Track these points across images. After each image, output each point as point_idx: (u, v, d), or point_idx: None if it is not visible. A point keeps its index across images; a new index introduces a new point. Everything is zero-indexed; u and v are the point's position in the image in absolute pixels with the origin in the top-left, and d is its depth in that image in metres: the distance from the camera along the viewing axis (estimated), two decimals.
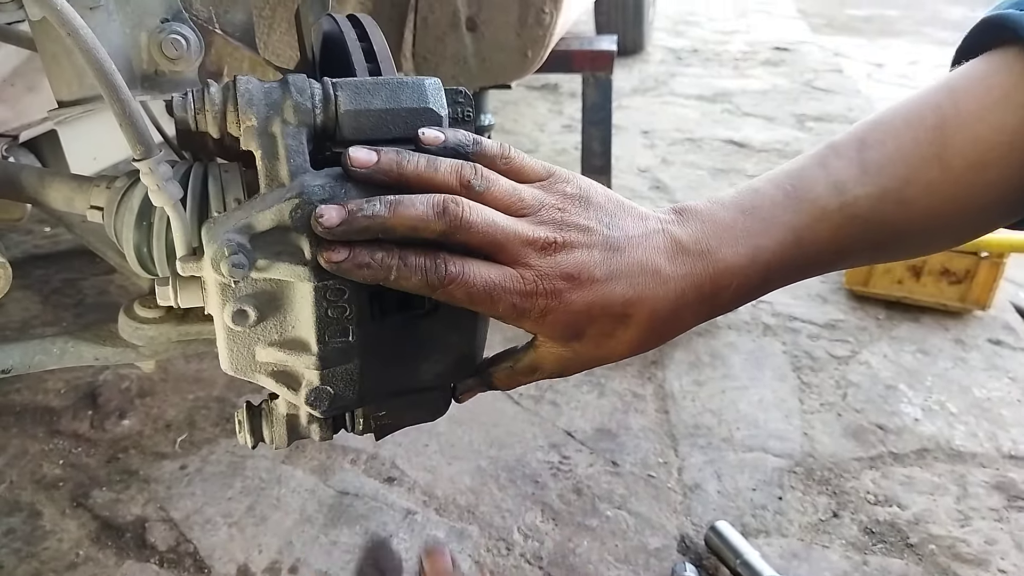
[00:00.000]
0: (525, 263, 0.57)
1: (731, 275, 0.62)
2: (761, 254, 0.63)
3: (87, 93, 0.63)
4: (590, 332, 0.60)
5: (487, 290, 0.55)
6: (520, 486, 1.45)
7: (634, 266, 0.60)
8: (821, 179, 0.64)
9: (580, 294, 0.58)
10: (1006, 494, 1.46)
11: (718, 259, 0.62)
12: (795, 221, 0.63)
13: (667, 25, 5.70)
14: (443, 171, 0.57)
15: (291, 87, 0.53)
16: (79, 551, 1.30)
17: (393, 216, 0.53)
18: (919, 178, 0.62)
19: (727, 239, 0.63)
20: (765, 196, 0.65)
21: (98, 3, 0.60)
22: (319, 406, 0.55)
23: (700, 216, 0.64)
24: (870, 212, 0.63)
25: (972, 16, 6.05)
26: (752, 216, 0.64)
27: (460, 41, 1.18)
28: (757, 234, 0.63)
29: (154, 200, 0.55)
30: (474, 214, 0.55)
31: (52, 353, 0.72)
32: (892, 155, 0.63)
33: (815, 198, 0.63)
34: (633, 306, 0.59)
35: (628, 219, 0.62)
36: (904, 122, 0.65)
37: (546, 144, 3.35)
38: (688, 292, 0.61)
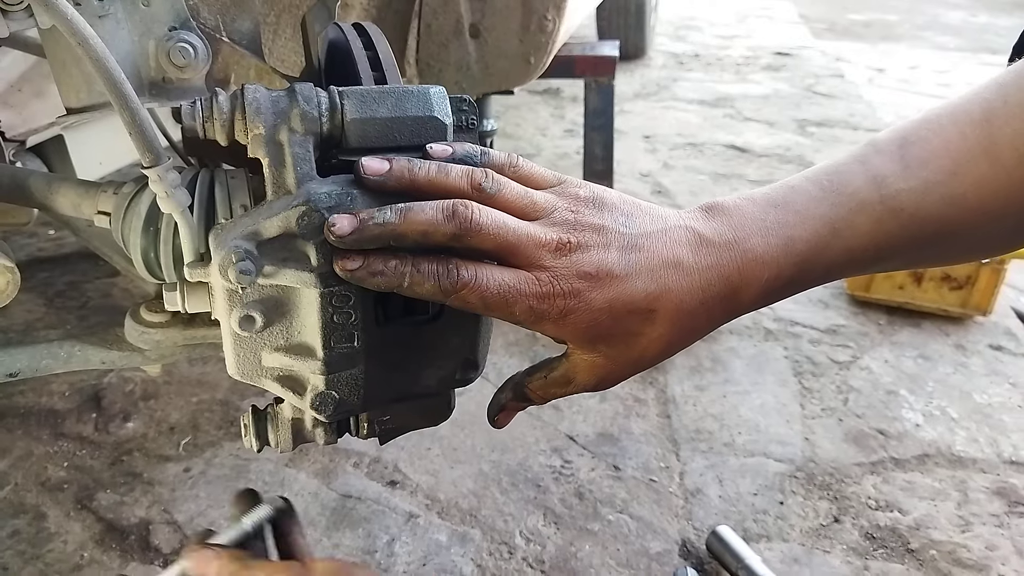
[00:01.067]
0: (540, 265, 0.56)
1: (762, 266, 0.60)
2: (795, 245, 0.60)
3: (95, 100, 0.64)
4: (617, 332, 0.58)
5: (502, 294, 0.54)
6: (522, 490, 1.46)
7: (654, 260, 0.58)
8: (860, 173, 0.62)
9: (600, 292, 0.56)
10: (1007, 500, 1.46)
11: (746, 249, 0.60)
12: (832, 214, 0.60)
13: (668, 30, 5.71)
14: (454, 176, 0.56)
15: (298, 96, 0.54)
16: (84, 553, 1.31)
17: (404, 222, 0.53)
18: (967, 172, 0.59)
19: (756, 230, 0.60)
20: (799, 191, 0.62)
21: (107, 11, 0.61)
22: (324, 411, 0.56)
23: (727, 210, 0.62)
24: (915, 207, 0.60)
25: (972, 21, 6.07)
26: (785, 209, 0.61)
27: (464, 48, 1.19)
28: (791, 225, 0.60)
29: (163, 207, 0.56)
30: (484, 216, 0.55)
31: (59, 357, 0.73)
32: (937, 150, 0.60)
33: (854, 191, 0.61)
34: (657, 300, 0.58)
35: (645, 217, 0.61)
36: (950, 117, 0.62)
37: (548, 149, 3.36)
38: (715, 283, 0.59)
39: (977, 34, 5.85)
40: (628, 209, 0.61)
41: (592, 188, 0.62)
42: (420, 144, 0.56)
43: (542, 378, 0.64)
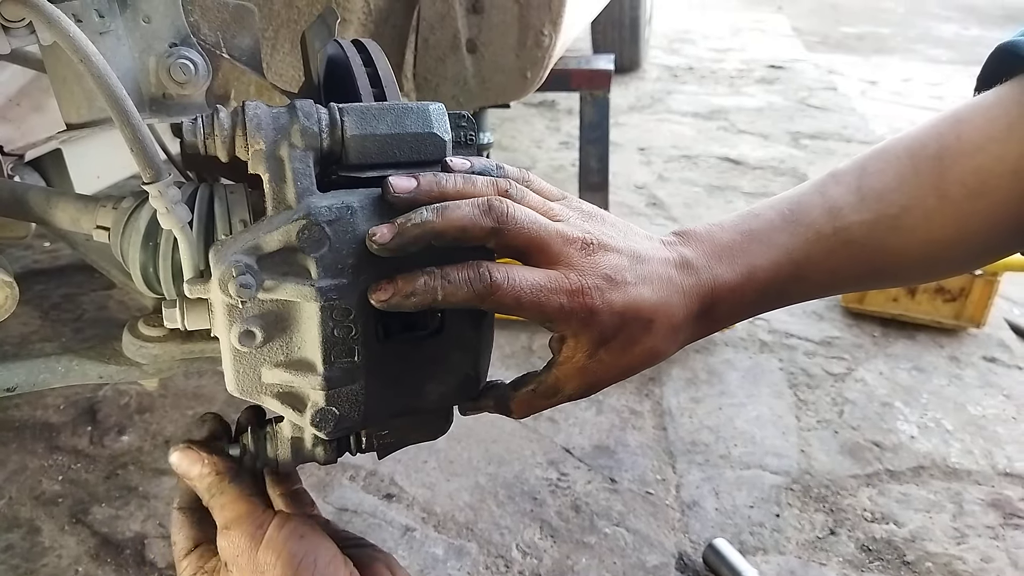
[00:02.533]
0: (567, 262, 0.58)
1: (729, 291, 0.64)
2: (757, 273, 0.65)
3: (96, 116, 0.64)
4: (619, 337, 0.60)
5: (534, 291, 0.56)
6: (519, 503, 1.46)
7: (654, 274, 0.62)
8: (818, 204, 0.66)
9: (618, 295, 0.59)
10: (1002, 512, 1.47)
11: (716, 275, 0.64)
12: (790, 243, 0.65)
13: (663, 43, 5.74)
14: (480, 184, 0.58)
15: (298, 112, 0.54)
16: (78, 567, 1.30)
17: (442, 219, 0.54)
18: (917, 205, 0.64)
19: (725, 258, 0.65)
20: (763, 219, 0.67)
21: (108, 28, 0.62)
22: (324, 427, 0.56)
23: (700, 237, 0.66)
24: (865, 238, 0.65)
25: (964, 34, 6.12)
26: (750, 237, 0.66)
27: (460, 62, 1.20)
28: (753, 254, 0.65)
29: (163, 223, 0.56)
30: (519, 211, 0.57)
31: (57, 371, 0.73)
32: (890, 183, 0.65)
33: (811, 222, 0.65)
34: (656, 312, 0.61)
35: (637, 236, 0.64)
36: (906, 150, 0.66)
37: (543, 161, 3.37)
38: (695, 303, 0.63)
39: (969, 47, 5.90)
40: (622, 227, 0.65)
41: (591, 206, 0.65)
42: (420, 160, 0.57)
43: (530, 391, 0.64)
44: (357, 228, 0.52)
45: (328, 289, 0.52)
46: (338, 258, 0.52)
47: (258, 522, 0.60)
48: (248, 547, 0.59)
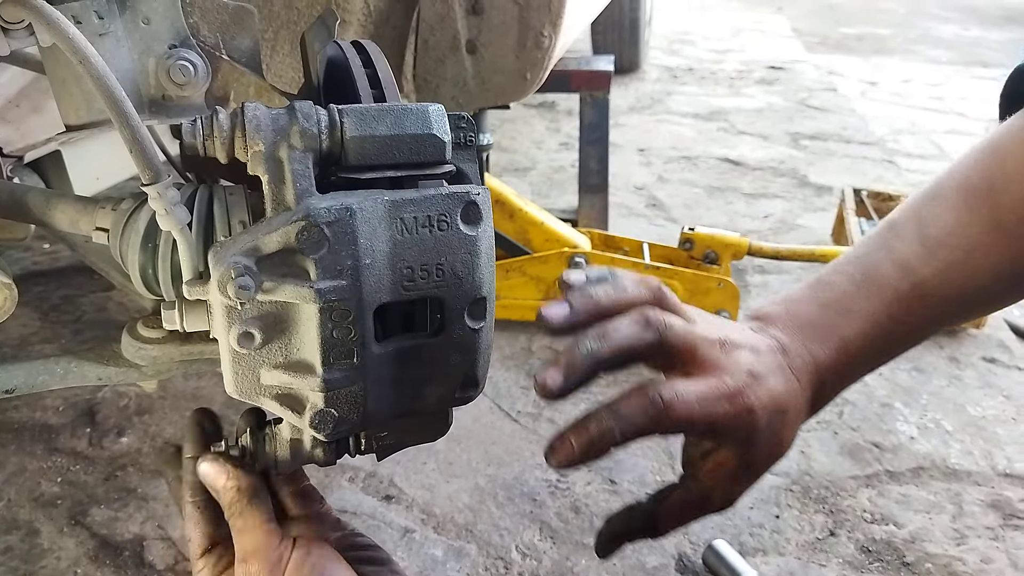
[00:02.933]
0: (716, 365, 0.58)
1: (827, 368, 0.65)
2: (848, 346, 0.65)
3: (95, 118, 0.64)
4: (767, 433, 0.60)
5: (703, 403, 0.56)
6: (518, 504, 1.46)
7: (773, 364, 0.62)
8: (887, 261, 0.67)
9: (762, 390, 0.59)
10: (1001, 512, 1.47)
11: (814, 354, 0.64)
12: (871, 308, 0.66)
13: (662, 44, 5.74)
14: (631, 288, 0.60)
15: (298, 113, 0.54)
16: (77, 569, 1.30)
17: (607, 346, 0.55)
18: (979, 244, 0.65)
19: (815, 336, 0.65)
20: (837, 288, 0.67)
21: (107, 30, 0.62)
22: (323, 429, 0.56)
23: (782, 318, 0.67)
24: (939, 287, 0.65)
25: (964, 34, 6.12)
26: (830, 309, 0.66)
27: (460, 63, 1.20)
28: (840, 327, 0.65)
29: (162, 224, 0.56)
30: (672, 318, 0.58)
31: (56, 373, 0.73)
32: (951, 226, 0.66)
33: (885, 283, 0.66)
34: (788, 401, 0.61)
35: (736, 327, 0.66)
36: (957, 191, 0.67)
37: (543, 162, 3.37)
38: (807, 388, 0.64)
39: (969, 48, 5.90)
40: (722, 321, 0.66)
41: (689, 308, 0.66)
42: (419, 162, 0.57)
43: (679, 503, 0.64)
44: (356, 230, 0.52)
45: (327, 291, 0.52)
46: (337, 260, 0.52)
47: (277, 554, 0.60)
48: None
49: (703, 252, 1.95)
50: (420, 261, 0.55)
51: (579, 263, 1.89)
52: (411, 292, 0.55)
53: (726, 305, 1.89)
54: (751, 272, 2.38)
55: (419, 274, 0.55)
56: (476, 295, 0.57)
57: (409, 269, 0.55)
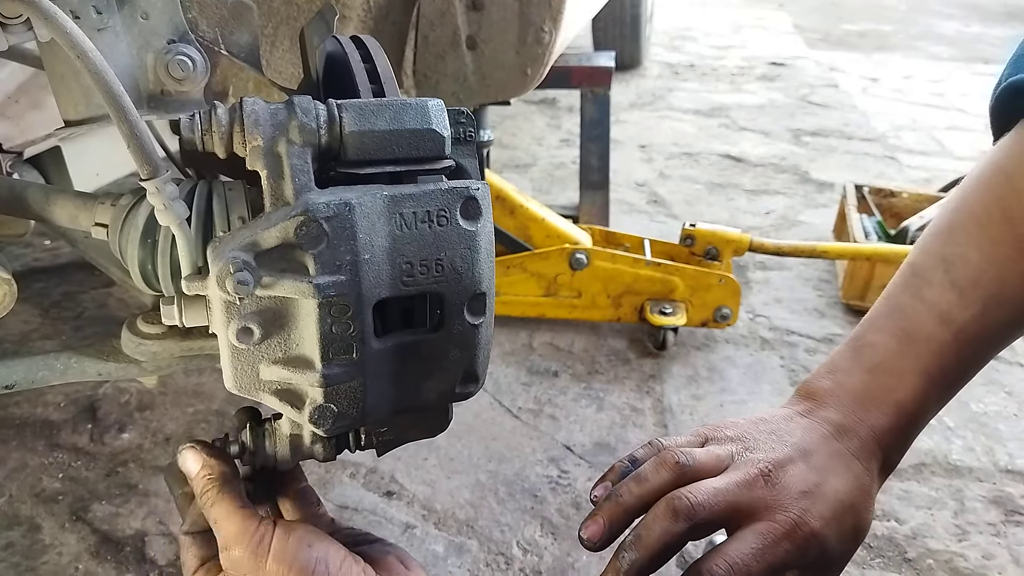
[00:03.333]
0: (765, 507, 0.58)
1: (888, 434, 0.65)
2: (905, 406, 0.66)
3: (94, 113, 0.64)
4: (843, 538, 0.61)
5: (760, 559, 0.56)
6: (519, 500, 1.46)
7: (828, 458, 0.62)
8: (924, 313, 0.67)
9: (822, 504, 0.59)
10: (1003, 508, 1.46)
11: (873, 426, 0.65)
12: (920, 365, 0.66)
13: (664, 40, 5.73)
14: (651, 473, 0.61)
15: (296, 108, 0.54)
16: (78, 565, 1.30)
17: (645, 552, 0.57)
18: (1011, 274, 0.65)
19: (871, 406, 0.65)
20: (881, 349, 0.67)
21: (106, 25, 0.61)
22: (323, 424, 0.56)
23: (833, 392, 0.67)
24: (981, 328, 0.66)
25: (965, 31, 6.11)
26: (880, 373, 0.66)
27: (460, 59, 1.19)
28: (893, 389, 0.66)
29: (160, 219, 0.56)
30: (699, 494, 0.58)
31: (56, 369, 0.73)
32: (979, 264, 0.66)
33: (928, 336, 0.66)
34: (852, 493, 0.62)
35: (780, 425, 0.66)
36: (975, 224, 0.67)
37: (544, 158, 3.37)
38: (871, 463, 0.64)
39: (971, 44, 5.89)
40: (765, 427, 0.66)
41: (726, 426, 0.67)
42: (419, 157, 0.56)
43: None
44: (355, 225, 0.52)
45: (326, 286, 0.52)
46: (336, 255, 0.52)
47: (258, 536, 0.59)
48: (254, 564, 0.58)
49: (704, 248, 1.94)
50: (419, 256, 0.54)
51: (580, 259, 1.88)
52: (410, 287, 0.55)
53: (727, 302, 1.89)
54: (752, 268, 2.38)
55: (418, 269, 0.55)
56: (476, 290, 0.57)
57: (408, 264, 0.54)
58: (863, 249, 1.98)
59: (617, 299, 1.93)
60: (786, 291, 2.26)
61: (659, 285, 1.91)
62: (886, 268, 2.04)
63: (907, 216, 2.31)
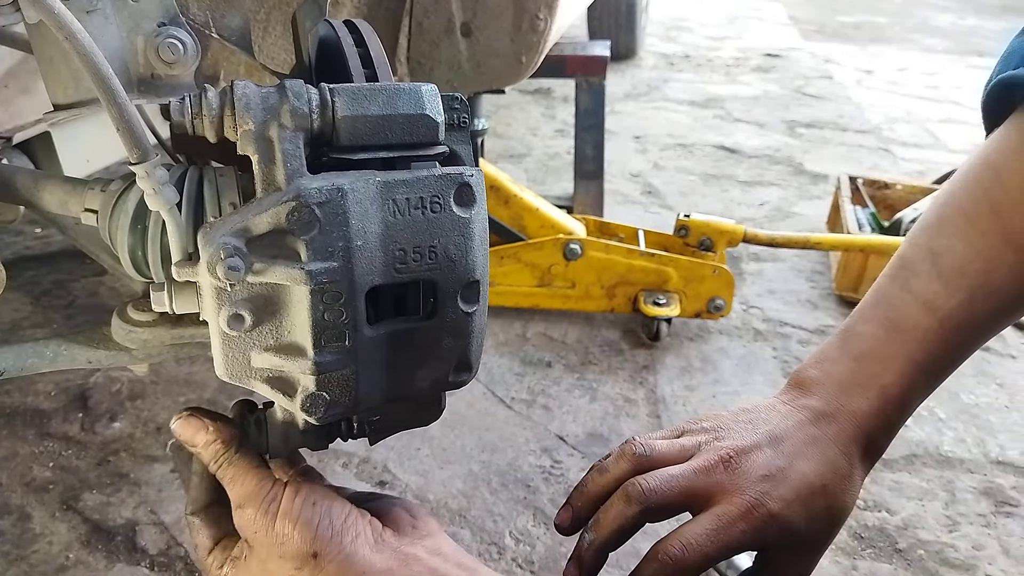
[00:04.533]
0: (722, 490, 0.61)
1: (872, 419, 0.66)
2: (890, 391, 0.67)
3: (83, 96, 0.63)
4: (810, 518, 0.62)
5: (714, 538, 0.58)
6: (512, 490, 1.46)
7: (799, 444, 0.64)
8: (911, 303, 0.68)
9: (784, 486, 0.61)
10: (994, 500, 1.47)
11: (854, 411, 0.66)
12: (906, 352, 0.67)
13: (659, 31, 5.72)
14: (611, 464, 0.65)
15: (288, 92, 0.53)
16: (69, 554, 1.30)
17: (600, 534, 0.61)
18: (997, 265, 0.66)
19: (854, 392, 0.67)
20: (868, 337, 0.69)
21: (95, 7, 0.60)
22: (315, 412, 0.55)
23: (818, 382, 0.69)
24: (968, 316, 0.67)
25: (960, 23, 6.11)
26: (865, 360, 0.68)
27: (455, 46, 1.18)
28: (879, 375, 0.67)
29: (150, 204, 0.55)
30: (653, 480, 0.61)
31: (45, 356, 0.72)
32: (964, 255, 0.67)
33: (914, 324, 0.67)
34: (823, 476, 0.63)
35: (761, 414, 0.67)
36: (962, 217, 0.68)
37: (539, 148, 3.36)
38: (851, 449, 0.65)
39: (965, 37, 5.89)
40: (745, 416, 0.68)
41: (706, 417, 0.70)
42: (412, 142, 0.56)
43: None
44: (348, 210, 0.52)
45: (318, 272, 0.51)
46: (328, 241, 0.51)
47: (271, 496, 0.60)
48: (264, 523, 0.59)
49: (698, 239, 1.94)
50: (412, 243, 0.54)
51: (574, 250, 1.88)
52: (403, 275, 0.54)
53: (721, 292, 1.89)
54: (746, 260, 2.38)
55: (411, 256, 0.54)
56: (469, 278, 0.56)
57: (401, 251, 0.54)
58: (856, 241, 1.98)
59: (611, 289, 1.93)
60: (780, 282, 2.26)
61: (653, 276, 1.91)
62: (879, 260, 2.04)
63: (901, 208, 2.31)
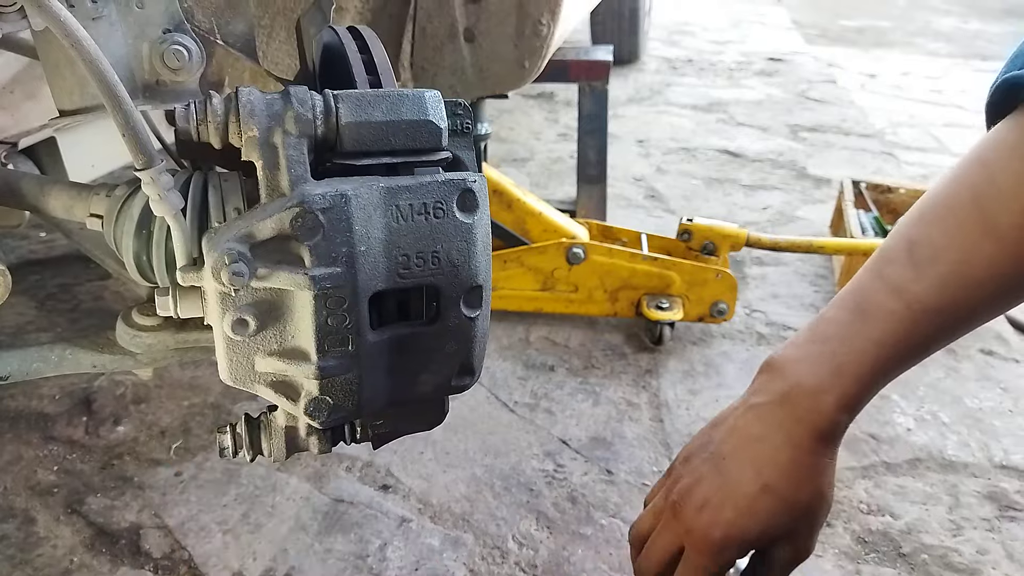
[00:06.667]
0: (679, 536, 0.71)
1: (819, 393, 0.68)
2: (845, 367, 0.67)
3: (89, 103, 0.64)
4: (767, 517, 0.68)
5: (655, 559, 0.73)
6: (515, 494, 1.46)
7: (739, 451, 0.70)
8: (880, 288, 0.69)
9: (724, 508, 0.68)
10: (998, 504, 1.47)
11: (809, 389, 0.68)
12: (867, 332, 0.68)
13: (662, 35, 5.72)
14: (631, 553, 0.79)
15: (292, 98, 0.54)
16: (73, 558, 1.30)
17: None
18: (974, 257, 0.65)
19: (805, 371, 0.69)
20: (833, 321, 0.70)
21: (100, 13, 0.61)
22: (318, 416, 0.56)
23: (781, 363, 0.72)
24: (939, 301, 0.66)
25: (963, 28, 6.11)
26: (827, 342, 0.69)
27: (458, 52, 1.19)
28: (836, 354, 0.68)
29: (155, 210, 0.55)
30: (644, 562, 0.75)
31: (50, 360, 0.73)
32: (939, 243, 0.67)
33: (879, 306, 0.68)
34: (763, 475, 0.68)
35: (720, 426, 0.73)
36: (943, 207, 0.68)
37: (542, 153, 3.37)
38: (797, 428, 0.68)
39: (969, 41, 5.89)
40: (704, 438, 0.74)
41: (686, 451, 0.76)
42: (416, 148, 0.56)
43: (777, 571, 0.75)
44: (351, 216, 0.52)
45: (322, 278, 0.52)
46: (332, 246, 0.52)
47: None
48: None
49: (701, 243, 1.94)
50: (416, 248, 0.54)
51: (577, 254, 1.88)
52: (407, 280, 0.55)
53: (724, 296, 1.89)
54: (749, 264, 2.38)
55: (415, 262, 0.55)
56: (472, 283, 0.57)
57: (405, 257, 0.54)
58: (860, 245, 1.98)
59: (614, 294, 1.93)
60: (783, 286, 2.26)
61: (656, 280, 1.91)
62: None
63: (904, 212, 2.30)
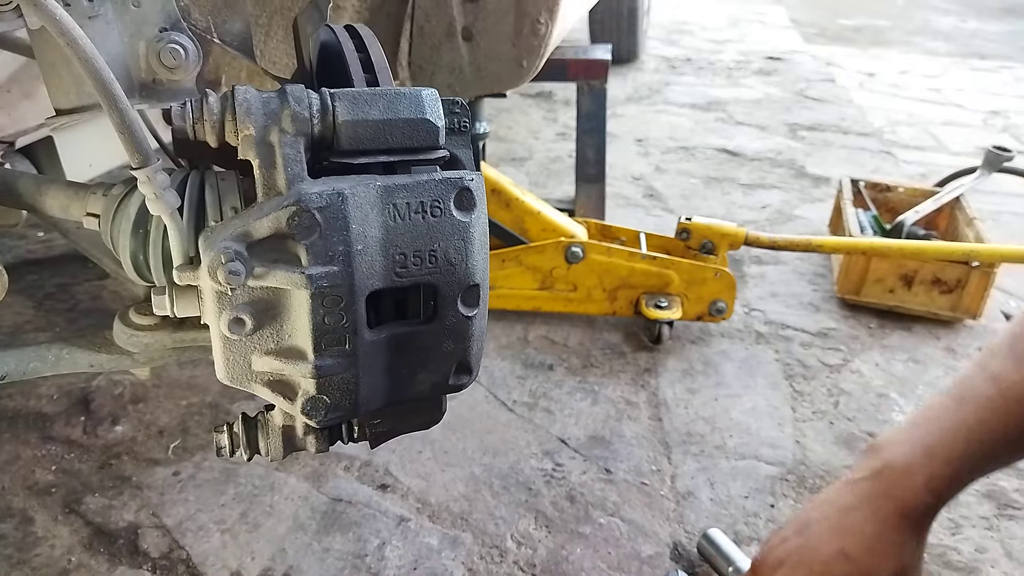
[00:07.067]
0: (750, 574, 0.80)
1: (908, 474, 0.70)
2: (935, 450, 0.70)
3: (85, 101, 0.63)
4: None
5: None
6: (514, 493, 1.45)
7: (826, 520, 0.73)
8: (980, 377, 0.72)
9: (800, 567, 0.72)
10: (996, 502, 1.47)
11: (898, 468, 0.71)
12: (962, 416, 0.71)
13: (661, 34, 5.72)
14: None
15: (289, 97, 0.53)
16: (71, 557, 1.30)
17: None
18: None
19: (900, 452, 0.72)
20: (934, 407, 0.74)
21: (97, 12, 0.61)
22: (315, 415, 0.55)
23: (881, 444, 0.75)
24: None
25: (962, 26, 6.11)
26: (924, 427, 0.73)
27: (456, 50, 1.19)
28: (930, 435, 0.71)
29: (152, 209, 0.55)
30: None
31: (47, 360, 0.73)
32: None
33: (977, 394, 0.71)
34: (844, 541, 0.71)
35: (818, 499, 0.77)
36: None
37: (540, 152, 3.36)
38: (884, 505, 0.70)
39: (967, 39, 5.89)
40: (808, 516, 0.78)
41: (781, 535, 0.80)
42: (413, 147, 0.56)
43: None
44: (348, 215, 0.52)
45: (318, 276, 0.52)
46: (329, 245, 0.52)
47: None
48: None
49: (700, 242, 1.94)
50: (413, 247, 0.54)
51: (576, 253, 1.88)
52: (404, 278, 0.55)
53: (723, 295, 1.89)
54: (748, 263, 2.38)
55: (412, 260, 0.54)
56: (470, 282, 0.57)
57: (402, 255, 0.54)
58: (859, 243, 1.98)
59: (613, 293, 1.93)
60: (781, 285, 2.26)
61: (655, 279, 1.91)
62: (881, 262, 2.04)
63: (903, 211, 2.31)
